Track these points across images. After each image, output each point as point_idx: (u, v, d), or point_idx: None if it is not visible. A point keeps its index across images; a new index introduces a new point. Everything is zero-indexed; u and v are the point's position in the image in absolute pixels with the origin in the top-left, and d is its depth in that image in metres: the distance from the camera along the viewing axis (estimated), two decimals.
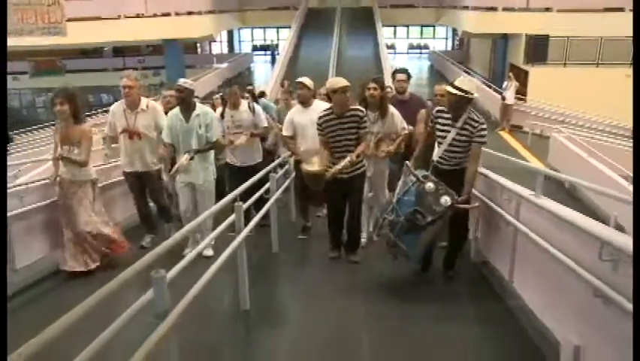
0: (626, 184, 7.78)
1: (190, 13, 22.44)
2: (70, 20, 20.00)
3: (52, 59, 26.29)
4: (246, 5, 32.50)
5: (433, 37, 38.85)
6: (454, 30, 33.01)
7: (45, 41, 20.19)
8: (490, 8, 21.64)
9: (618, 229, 4.09)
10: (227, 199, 4.09)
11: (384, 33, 27.52)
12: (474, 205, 4.38)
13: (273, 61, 30.53)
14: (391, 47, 35.02)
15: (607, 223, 4.18)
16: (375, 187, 5.30)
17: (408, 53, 38.32)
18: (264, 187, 5.37)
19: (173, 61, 23.25)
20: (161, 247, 2.65)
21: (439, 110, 4.32)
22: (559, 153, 11.81)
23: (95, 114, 17.55)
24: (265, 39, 38.92)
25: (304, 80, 5.51)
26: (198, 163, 5.17)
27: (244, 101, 5.80)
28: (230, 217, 4.02)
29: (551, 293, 3.37)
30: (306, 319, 4.15)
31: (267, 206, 5.22)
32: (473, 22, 22.87)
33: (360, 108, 4.77)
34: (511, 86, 16.68)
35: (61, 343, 1.72)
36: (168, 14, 21.70)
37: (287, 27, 29.67)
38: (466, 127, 4.11)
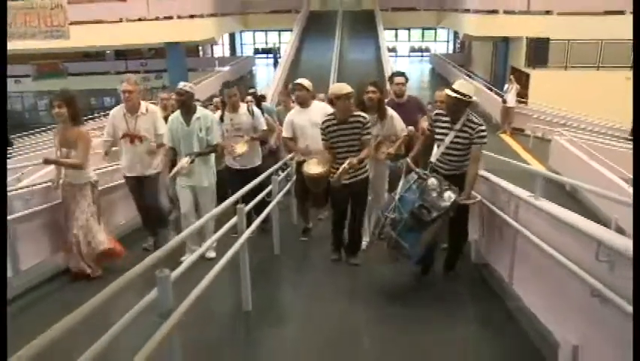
0: (626, 187, 7.79)
1: (192, 16, 22.51)
2: (73, 24, 20.09)
3: (54, 62, 26.40)
4: (248, 8, 32.56)
5: (435, 40, 38.78)
6: (456, 33, 33.00)
7: (48, 44, 20.30)
8: (491, 11, 21.70)
9: (619, 231, 4.11)
10: (229, 202, 4.14)
11: (385, 36, 27.49)
12: (475, 200, 4.39)
13: (275, 64, 30.55)
14: (393, 49, 34.97)
15: (608, 226, 4.19)
16: (375, 189, 5.31)
17: (409, 55, 38.24)
18: (266, 190, 5.40)
19: (175, 64, 23.29)
20: (165, 249, 2.69)
21: (437, 113, 4.38)
22: (560, 156, 11.82)
23: (98, 117, 17.61)
24: (267, 42, 38.91)
25: (302, 81, 5.57)
26: (200, 166, 5.21)
27: (243, 104, 5.81)
28: (233, 220, 4.06)
29: (550, 294, 3.39)
30: (307, 320, 4.18)
31: (269, 208, 5.25)
32: (474, 25, 22.92)
33: (363, 114, 4.78)
34: (512, 89, 16.73)
35: (65, 343, 1.74)
36: (170, 17, 21.79)
37: (289, 30, 29.72)
38: (465, 129, 4.15)
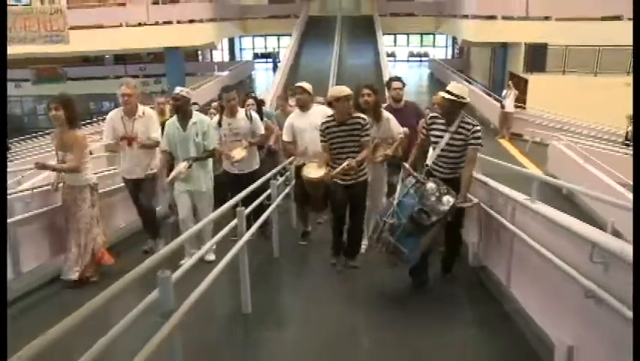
0: (622, 191, 7.85)
1: (192, 21, 22.61)
2: (73, 28, 20.15)
3: (53, 66, 26.48)
4: (247, 13, 32.70)
5: (433, 46, 38.91)
6: (454, 38, 33.11)
7: (48, 49, 20.34)
8: (490, 17, 21.80)
9: (615, 234, 4.15)
10: (229, 205, 4.16)
11: (384, 41, 27.62)
12: (473, 202, 4.41)
13: (275, 68, 30.61)
14: (391, 55, 35.12)
15: (604, 229, 4.24)
16: (372, 193, 5.26)
17: (408, 61, 38.38)
18: (265, 194, 5.43)
19: (174, 69, 23.36)
20: (164, 251, 2.72)
21: (432, 116, 4.40)
22: (557, 161, 11.89)
23: (96, 122, 17.61)
24: (266, 47, 39.03)
25: (304, 84, 5.57)
26: (198, 170, 5.23)
27: (241, 109, 5.81)
28: (232, 222, 4.09)
29: (546, 295, 3.43)
30: (306, 323, 4.20)
31: (268, 212, 5.27)
32: (473, 31, 23.01)
33: (362, 116, 4.79)
34: (510, 95, 16.83)
35: (66, 344, 1.77)
36: (170, 22, 21.86)
37: (288, 35, 29.79)
38: (460, 131, 4.18)
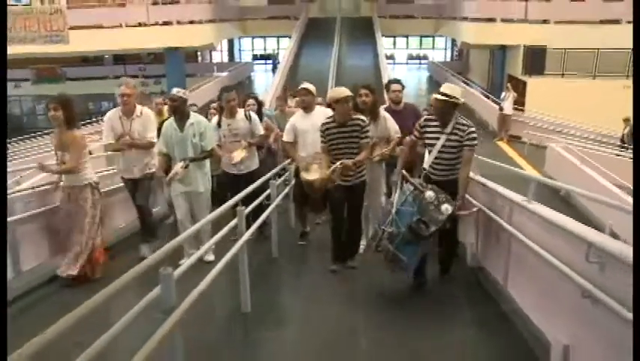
0: (619, 192, 7.90)
1: (191, 22, 22.63)
2: (73, 28, 20.16)
3: (52, 66, 26.49)
4: (246, 15, 32.70)
5: (433, 48, 38.91)
6: (454, 41, 33.17)
7: (47, 49, 20.35)
8: (489, 19, 21.89)
9: (613, 236, 4.17)
10: (228, 205, 4.18)
11: (383, 43, 27.65)
12: (472, 210, 4.42)
13: (274, 70, 30.61)
14: (391, 57, 35.09)
15: (600, 230, 4.26)
16: (371, 193, 5.27)
17: (407, 63, 38.37)
18: (264, 194, 5.44)
19: (173, 69, 23.36)
20: (165, 248, 2.74)
21: (427, 119, 4.39)
22: (555, 163, 11.96)
23: (96, 122, 17.61)
24: (265, 48, 39.01)
25: (308, 86, 5.47)
26: (195, 171, 5.24)
27: (241, 110, 5.82)
28: (232, 222, 4.11)
29: (543, 295, 3.46)
30: (305, 323, 4.23)
31: (267, 212, 5.29)
32: (472, 33, 23.09)
33: (362, 117, 4.80)
34: (509, 97, 16.88)
35: (67, 341, 1.78)
36: (170, 23, 21.87)
37: (287, 36, 29.83)
38: (455, 132, 4.18)
